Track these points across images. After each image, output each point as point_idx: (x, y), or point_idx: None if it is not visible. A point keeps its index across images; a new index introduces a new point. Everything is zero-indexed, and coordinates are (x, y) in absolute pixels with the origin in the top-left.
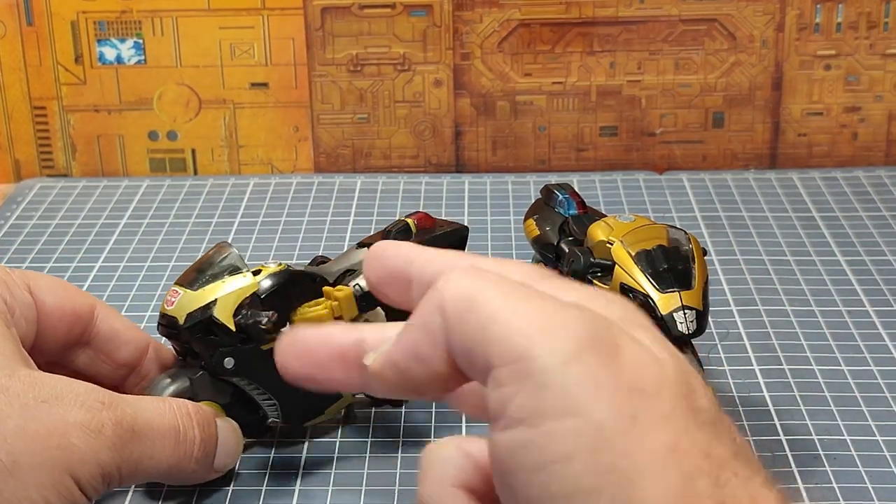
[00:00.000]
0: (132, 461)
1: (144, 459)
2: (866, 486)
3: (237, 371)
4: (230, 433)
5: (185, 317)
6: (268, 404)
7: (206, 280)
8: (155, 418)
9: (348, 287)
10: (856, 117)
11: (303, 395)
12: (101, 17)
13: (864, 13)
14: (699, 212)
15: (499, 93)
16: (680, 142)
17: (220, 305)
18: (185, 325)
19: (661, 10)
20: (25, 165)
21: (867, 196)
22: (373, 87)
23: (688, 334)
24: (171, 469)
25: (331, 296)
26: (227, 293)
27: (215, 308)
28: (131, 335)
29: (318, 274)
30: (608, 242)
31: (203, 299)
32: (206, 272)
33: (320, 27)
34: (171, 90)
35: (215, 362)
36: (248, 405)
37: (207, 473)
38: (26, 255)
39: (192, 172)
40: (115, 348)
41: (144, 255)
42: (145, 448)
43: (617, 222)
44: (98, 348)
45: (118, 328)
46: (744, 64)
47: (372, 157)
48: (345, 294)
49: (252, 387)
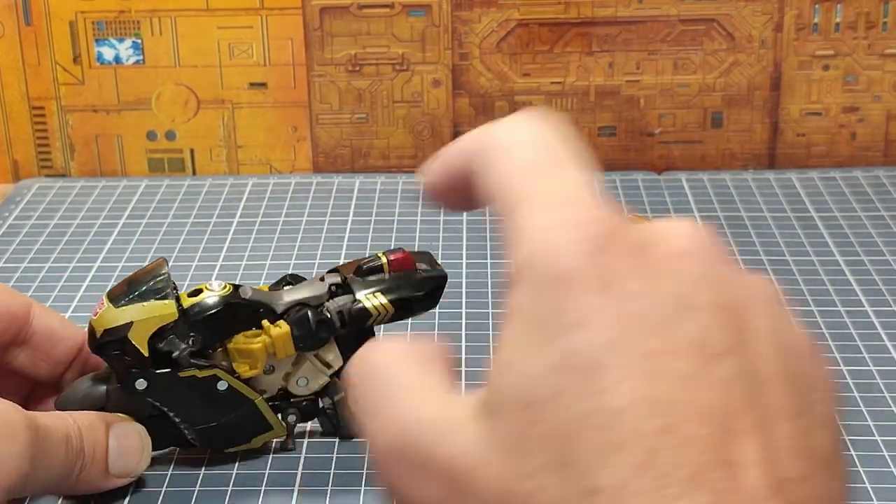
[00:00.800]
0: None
1: (41, 470)
2: (865, 486)
3: (148, 393)
4: (129, 437)
5: (101, 332)
6: (183, 426)
7: (132, 298)
8: (51, 427)
9: (287, 325)
10: (854, 117)
11: (219, 424)
12: (100, 16)
13: (862, 13)
14: (698, 212)
15: (497, 93)
16: (678, 142)
17: (136, 329)
18: (99, 341)
19: (660, 11)
20: (24, 165)
21: (866, 196)
22: (371, 87)
23: None
24: (60, 478)
25: (267, 332)
26: (145, 318)
27: (131, 330)
28: (68, 332)
29: (261, 303)
30: None
31: (121, 319)
32: (135, 289)
33: (319, 27)
34: (169, 90)
35: (127, 382)
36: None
37: (103, 480)
38: (24, 255)
39: (191, 172)
40: (53, 346)
41: (143, 255)
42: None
43: None
44: (36, 347)
45: (54, 326)
46: (742, 64)
47: (371, 157)
48: (279, 333)
49: (166, 409)
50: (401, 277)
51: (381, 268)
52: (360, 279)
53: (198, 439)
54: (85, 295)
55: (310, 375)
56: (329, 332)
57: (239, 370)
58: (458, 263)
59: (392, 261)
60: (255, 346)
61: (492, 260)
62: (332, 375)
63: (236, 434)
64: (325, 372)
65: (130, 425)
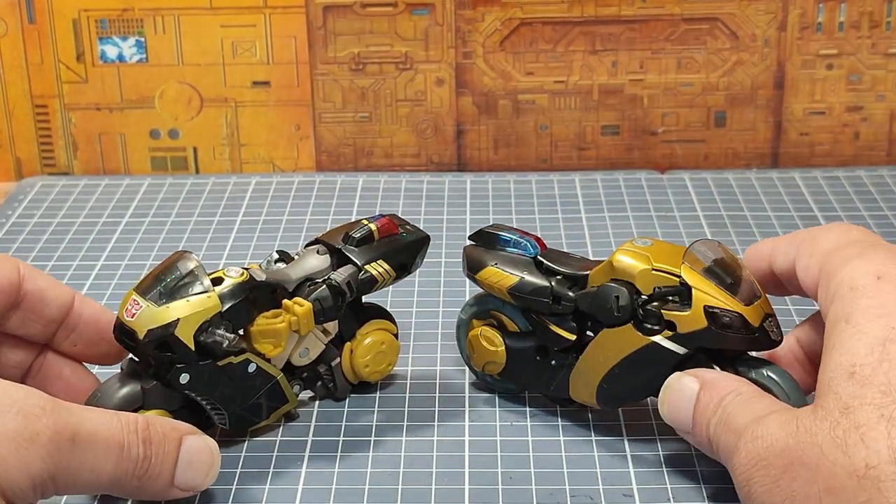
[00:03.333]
0: (70, 471)
1: (84, 471)
2: None
3: (190, 386)
4: (201, 452)
5: (145, 332)
6: (216, 413)
7: (167, 293)
8: (99, 430)
9: (308, 302)
10: (858, 117)
11: (249, 405)
12: (103, 15)
13: (866, 12)
14: (701, 211)
15: (500, 91)
16: (682, 141)
17: (183, 325)
18: (144, 340)
19: (664, 9)
20: (27, 164)
21: (869, 195)
22: (374, 85)
23: (779, 340)
24: (112, 483)
25: (290, 310)
26: (190, 314)
27: (178, 328)
28: (57, 291)
29: (277, 284)
30: (655, 269)
31: (166, 318)
32: (167, 282)
33: (322, 25)
34: (172, 88)
35: (171, 377)
36: (194, 407)
37: (166, 490)
38: (27, 253)
39: (194, 171)
40: (44, 306)
41: (146, 253)
42: (86, 459)
43: (643, 247)
44: (27, 308)
45: (43, 286)
46: (746, 63)
47: (374, 155)
48: (304, 311)
49: (203, 399)
50: (391, 243)
51: (371, 235)
52: (355, 249)
53: (229, 422)
54: (88, 293)
55: (310, 345)
56: (343, 303)
57: (263, 350)
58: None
59: (380, 227)
60: (279, 325)
61: None
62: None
63: (260, 412)
64: (323, 340)
65: (203, 440)
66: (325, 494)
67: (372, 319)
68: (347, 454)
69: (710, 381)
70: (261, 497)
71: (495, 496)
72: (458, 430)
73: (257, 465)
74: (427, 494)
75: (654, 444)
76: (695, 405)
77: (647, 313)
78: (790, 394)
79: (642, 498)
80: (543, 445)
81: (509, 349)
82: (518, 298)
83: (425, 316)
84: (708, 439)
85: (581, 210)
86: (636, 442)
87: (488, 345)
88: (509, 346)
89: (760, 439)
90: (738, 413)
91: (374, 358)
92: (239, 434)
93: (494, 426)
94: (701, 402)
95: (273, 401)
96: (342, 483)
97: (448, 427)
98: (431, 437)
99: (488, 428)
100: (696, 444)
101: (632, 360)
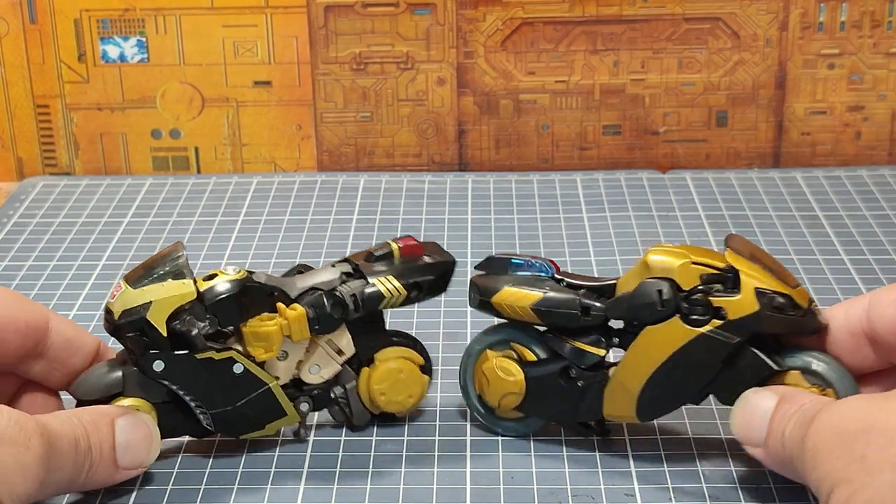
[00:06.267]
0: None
1: (55, 473)
2: None
3: (166, 375)
4: (136, 430)
5: (120, 313)
6: (199, 411)
7: (148, 279)
8: (61, 430)
9: (302, 308)
10: (859, 116)
11: (235, 408)
12: (105, 15)
13: (867, 12)
14: (703, 211)
15: (502, 91)
16: (683, 140)
17: (155, 308)
18: (118, 321)
19: (665, 9)
20: (28, 164)
21: (871, 195)
22: (376, 85)
23: (825, 325)
24: (70, 481)
25: (283, 314)
26: (164, 297)
27: (150, 310)
28: (83, 341)
29: (276, 288)
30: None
31: (140, 299)
32: (154, 271)
33: (323, 25)
34: (174, 88)
35: (145, 363)
36: (181, 404)
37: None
38: (29, 253)
39: (196, 171)
40: (69, 357)
41: (147, 253)
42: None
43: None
44: (52, 358)
45: (71, 337)
46: (747, 63)
47: (375, 155)
48: (296, 315)
49: (182, 392)
50: (410, 263)
51: (392, 254)
52: (370, 265)
53: (213, 423)
54: (90, 293)
55: (322, 362)
56: (343, 314)
57: (254, 353)
58: (464, 262)
59: (402, 247)
60: (270, 327)
61: None
62: (344, 363)
63: (251, 419)
64: (337, 359)
65: (135, 416)
66: (328, 495)
67: (396, 346)
68: (348, 454)
69: (790, 394)
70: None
71: (497, 495)
72: (460, 430)
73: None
74: (429, 494)
75: (656, 443)
76: (771, 416)
77: (691, 304)
78: (840, 380)
79: (644, 498)
80: (545, 444)
81: (530, 378)
82: (544, 315)
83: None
84: (781, 445)
85: (582, 210)
86: (638, 442)
87: (505, 375)
88: (530, 375)
89: (836, 411)
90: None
91: (391, 386)
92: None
93: None
94: (779, 412)
95: (266, 410)
96: (342, 483)
97: (449, 426)
98: (433, 437)
99: (489, 427)
100: (767, 456)
101: (679, 356)
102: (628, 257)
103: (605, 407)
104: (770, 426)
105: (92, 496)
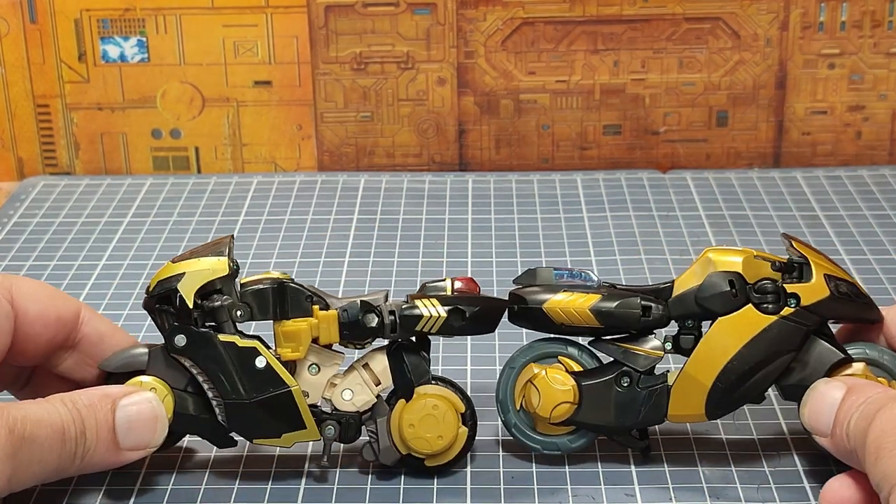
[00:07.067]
0: (23, 468)
1: (34, 465)
2: None
3: (187, 351)
4: (140, 411)
5: (154, 284)
6: (216, 402)
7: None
8: (43, 419)
9: (335, 310)
10: (860, 116)
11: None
12: (105, 14)
13: (868, 12)
14: (703, 210)
15: (502, 91)
16: (683, 140)
17: (187, 279)
18: (153, 292)
19: (665, 9)
20: (28, 163)
21: (871, 195)
22: (376, 85)
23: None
24: (57, 470)
25: (315, 314)
26: (196, 270)
27: (181, 281)
28: (117, 338)
29: (314, 292)
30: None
31: (174, 271)
32: (197, 254)
33: (324, 25)
34: (174, 88)
35: (168, 336)
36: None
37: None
38: (29, 253)
39: (196, 171)
40: (102, 352)
41: (148, 253)
42: (34, 453)
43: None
44: (84, 352)
45: (104, 331)
46: (748, 62)
47: (375, 155)
48: (326, 315)
49: (201, 376)
50: (461, 296)
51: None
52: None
53: (227, 417)
54: (90, 293)
55: (356, 388)
56: (377, 326)
57: (281, 353)
58: (464, 262)
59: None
60: (301, 324)
61: (496, 259)
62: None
63: (267, 423)
64: (372, 388)
65: (140, 395)
66: (328, 495)
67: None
68: (348, 453)
69: (859, 385)
70: None
71: (497, 495)
72: None
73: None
74: (429, 494)
75: (656, 443)
76: (839, 406)
77: (762, 293)
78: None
79: (644, 498)
80: None
81: (584, 386)
82: (604, 316)
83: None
84: (846, 436)
85: (583, 210)
86: None
87: (558, 385)
88: (584, 384)
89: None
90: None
91: (421, 419)
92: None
93: (496, 425)
94: (846, 402)
95: (284, 416)
96: (342, 483)
97: None
98: None
99: (490, 427)
100: (833, 446)
101: (754, 345)
102: (629, 257)
103: (671, 407)
104: (837, 416)
105: (92, 496)
